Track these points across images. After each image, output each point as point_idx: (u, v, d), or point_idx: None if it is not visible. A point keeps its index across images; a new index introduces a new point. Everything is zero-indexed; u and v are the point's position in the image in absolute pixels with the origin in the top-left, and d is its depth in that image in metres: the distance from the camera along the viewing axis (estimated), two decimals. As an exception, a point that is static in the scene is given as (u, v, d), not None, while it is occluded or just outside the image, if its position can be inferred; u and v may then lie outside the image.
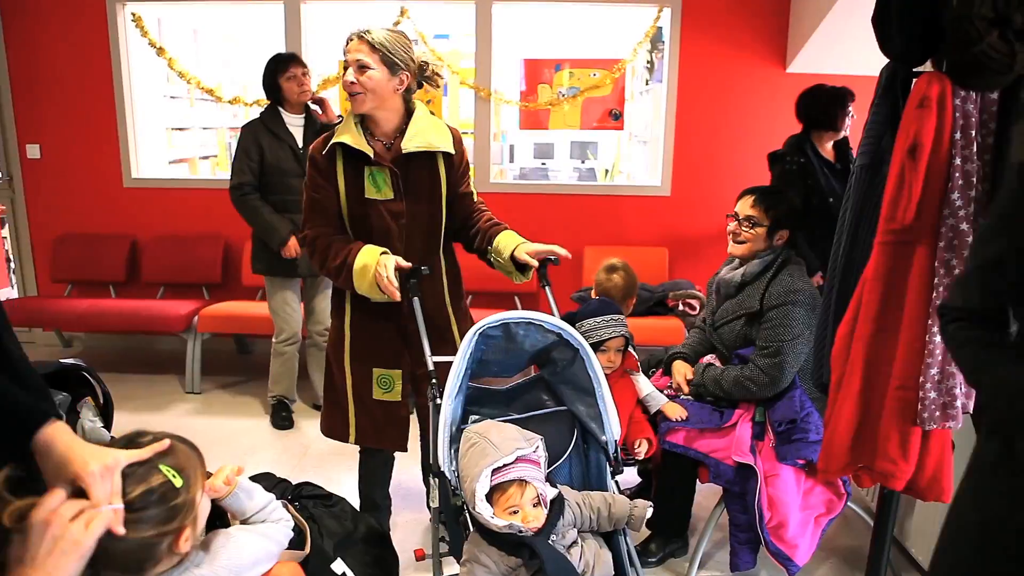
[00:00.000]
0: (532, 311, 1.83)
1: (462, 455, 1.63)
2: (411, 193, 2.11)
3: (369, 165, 2.07)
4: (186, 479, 1.16)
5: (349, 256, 1.99)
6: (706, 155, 4.33)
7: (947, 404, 1.65)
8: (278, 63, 3.38)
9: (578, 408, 1.85)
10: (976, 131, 1.61)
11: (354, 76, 1.97)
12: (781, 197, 2.43)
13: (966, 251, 1.61)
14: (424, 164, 2.11)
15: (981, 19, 1.49)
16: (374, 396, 2.24)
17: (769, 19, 4.12)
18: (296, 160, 3.38)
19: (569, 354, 1.83)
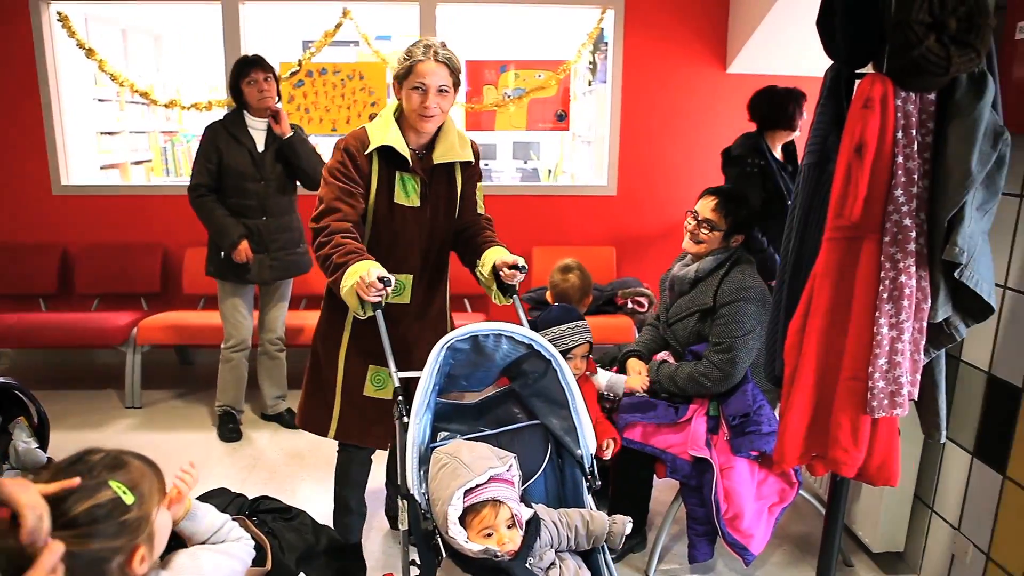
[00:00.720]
0: (502, 322, 1.77)
1: (432, 477, 1.58)
2: (435, 202, 2.15)
3: (402, 171, 2.08)
4: (139, 496, 1.11)
5: (351, 260, 1.92)
6: (650, 154, 4.40)
7: (895, 392, 1.72)
8: (241, 67, 3.30)
9: (551, 422, 1.80)
10: (916, 130, 1.67)
11: (436, 101, 1.98)
12: (742, 203, 2.47)
13: (910, 245, 1.67)
14: (445, 174, 2.16)
15: (919, 24, 1.55)
16: (365, 392, 2.23)
17: (709, 21, 4.21)
18: (253, 164, 3.30)
19: (541, 366, 1.79)
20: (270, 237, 3.37)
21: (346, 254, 1.93)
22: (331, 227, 1.99)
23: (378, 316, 1.90)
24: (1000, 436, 2.09)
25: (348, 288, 1.87)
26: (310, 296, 4.28)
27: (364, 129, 2.09)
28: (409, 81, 1.98)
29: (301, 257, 3.53)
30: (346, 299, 1.90)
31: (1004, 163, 1.68)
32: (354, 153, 2.05)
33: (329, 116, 4.25)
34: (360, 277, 1.84)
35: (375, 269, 1.86)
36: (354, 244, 1.96)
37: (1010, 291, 2.05)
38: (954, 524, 2.29)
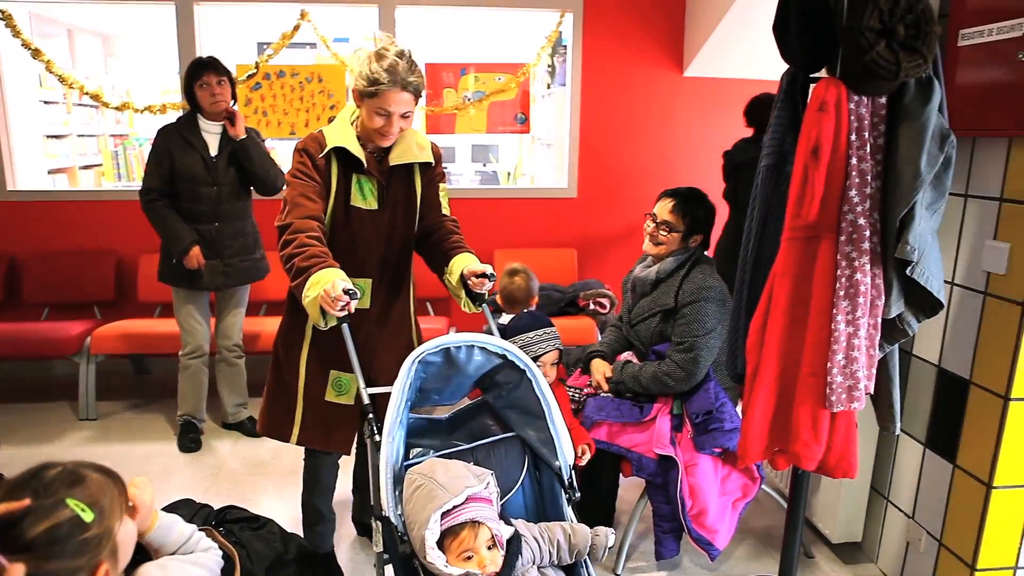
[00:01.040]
0: (474, 333, 1.75)
1: (407, 499, 1.53)
2: (393, 205, 2.13)
3: (358, 173, 2.07)
4: (98, 512, 1.08)
5: (314, 269, 1.85)
6: (610, 157, 4.45)
7: (852, 387, 1.77)
8: (194, 69, 3.24)
9: (527, 433, 1.77)
10: (869, 133, 1.73)
11: (399, 126, 1.99)
12: (698, 204, 2.50)
13: (864, 244, 1.73)
14: (404, 176, 2.13)
15: (870, 30, 1.60)
16: (327, 398, 2.20)
17: (666, 25, 4.28)
18: (206, 169, 3.24)
19: (515, 376, 1.75)
20: (223, 243, 3.32)
21: (309, 258, 1.87)
22: (295, 225, 1.94)
23: (344, 330, 1.86)
24: (950, 427, 2.17)
25: (311, 299, 1.81)
26: (270, 302, 4.23)
27: (321, 132, 2.07)
28: (373, 103, 1.94)
29: (257, 263, 3.48)
30: (308, 308, 1.84)
31: (950, 164, 1.75)
32: (312, 154, 2.03)
33: (288, 119, 4.20)
34: (324, 291, 1.77)
35: (340, 281, 1.78)
36: (318, 248, 1.91)
37: (957, 287, 2.13)
38: (908, 513, 2.37)
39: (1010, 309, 1.95)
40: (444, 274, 2.14)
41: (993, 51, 1.89)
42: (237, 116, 3.26)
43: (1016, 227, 1.93)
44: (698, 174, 4.42)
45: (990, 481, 2.03)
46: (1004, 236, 1.97)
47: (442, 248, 2.17)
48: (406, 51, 1.97)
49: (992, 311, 2.02)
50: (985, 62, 1.93)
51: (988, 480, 2.03)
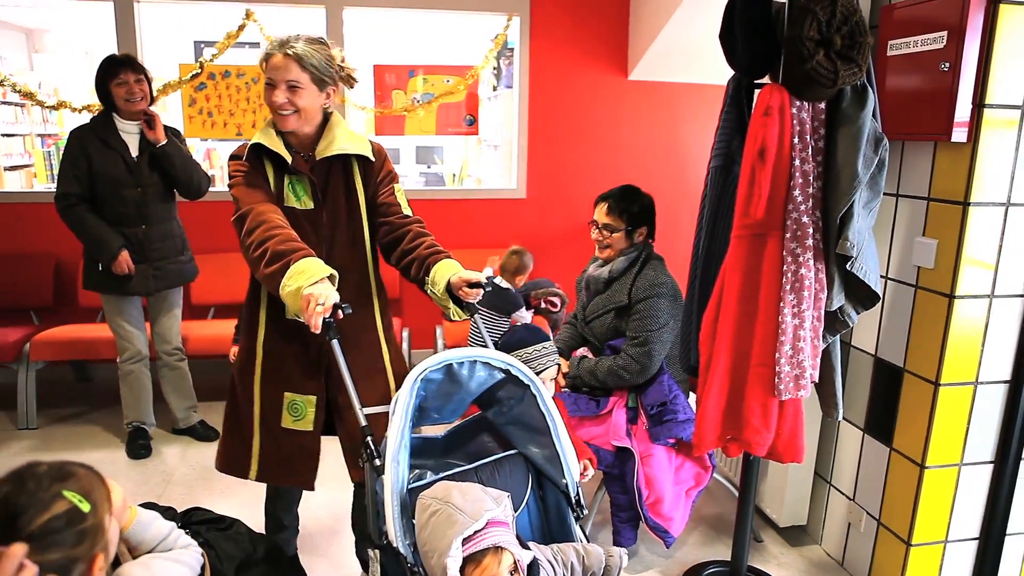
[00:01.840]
0: (476, 348, 1.68)
1: (421, 526, 1.43)
2: (330, 203, 2.00)
3: (288, 173, 1.97)
4: (93, 503, 1.10)
5: (296, 254, 1.72)
6: (558, 158, 4.53)
7: (799, 376, 1.88)
8: (109, 65, 3.13)
9: (531, 450, 1.69)
10: (810, 136, 1.84)
11: (285, 96, 1.85)
12: (632, 199, 2.59)
13: (808, 240, 1.84)
14: (340, 172, 2.01)
15: (810, 40, 1.71)
16: (282, 424, 2.03)
17: (611, 30, 4.38)
18: (128, 171, 3.14)
19: (518, 392, 1.68)
20: (151, 246, 3.23)
21: (285, 241, 1.74)
22: (257, 209, 1.82)
23: (335, 348, 1.71)
24: (886, 412, 2.31)
25: (292, 289, 1.68)
26: (219, 306, 4.17)
27: (246, 143, 1.99)
28: (264, 79, 1.89)
29: (185, 265, 3.41)
30: (286, 299, 1.70)
31: (884, 166, 1.88)
32: (241, 156, 1.96)
33: (234, 120, 4.14)
34: (313, 295, 1.63)
35: (334, 296, 1.65)
36: (290, 232, 1.79)
37: (891, 281, 2.27)
38: (850, 495, 2.51)
39: (938, 301, 2.09)
40: (425, 284, 1.96)
41: (918, 61, 2.03)
42: (156, 119, 3.16)
43: (942, 224, 2.07)
44: (644, 174, 4.55)
45: (923, 461, 2.17)
46: (932, 233, 2.11)
47: (417, 255, 1.98)
48: (321, 39, 1.93)
49: (922, 303, 2.16)
50: (911, 71, 2.06)
51: (921, 461, 2.17)
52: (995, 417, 2.17)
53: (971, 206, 1.99)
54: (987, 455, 2.20)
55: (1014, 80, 1.93)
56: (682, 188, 4.55)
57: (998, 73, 1.92)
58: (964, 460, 2.19)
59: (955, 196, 2.02)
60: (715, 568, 2.47)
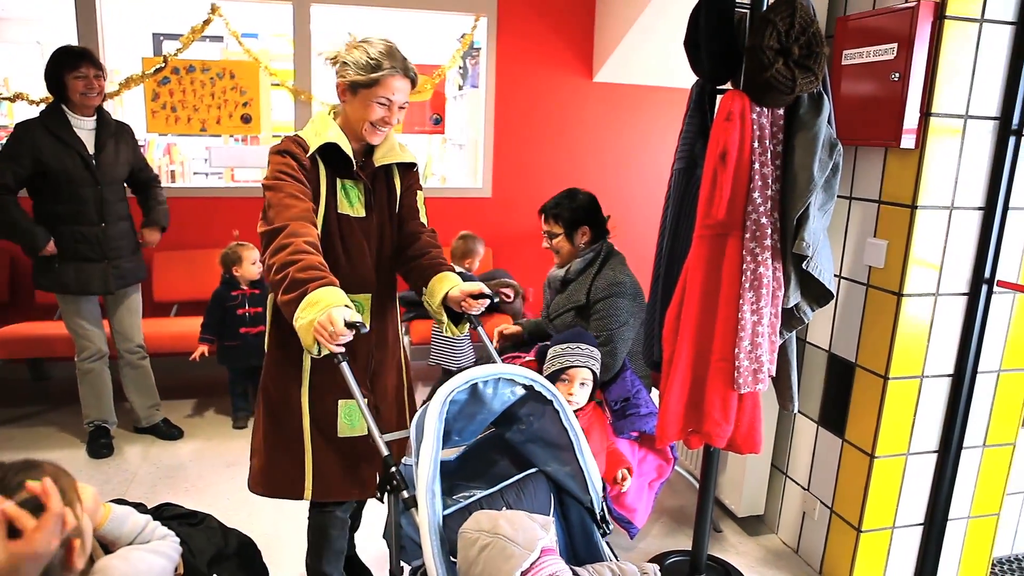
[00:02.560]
0: (500, 364, 1.60)
1: (470, 562, 1.35)
2: (379, 211, 1.95)
3: (342, 178, 1.87)
4: (61, 488, 1.10)
5: (312, 284, 1.60)
6: (523, 158, 4.58)
7: (757, 370, 1.96)
8: (67, 56, 3.05)
9: (552, 467, 1.62)
10: (769, 140, 1.92)
11: (397, 116, 1.84)
12: (564, 203, 2.67)
13: (766, 240, 1.92)
14: (383, 179, 1.97)
15: (770, 49, 1.79)
16: (340, 434, 1.92)
17: (577, 32, 4.45)
18: (87, 168, 3.07)
19: (539, 408, 1.61)
20: (110, 244, 3.17)
21: (306, 269, 1.61)
22: (290, 228, 1.68)
23: (344, 369, 1.61)
24: (839, 405, 2.42)
25: (305, 322, 1.56)
26: (181, 303, 4.14)
27: (298, 135, 1.86)
28: (372, 92, 1.79)
29: (140, 263, 3.38)
30: (300, 333, 1.58)
31: (838, 170, 1.97)
32: (298, 155, 1.80)
33: (198, 115, 4.10)
34: (320, 324, 1.53)
35: (339, 312, 1.54)
36: (316, 258, 1.66)
37: (844, 280, 2.38)
38: (804, 485, 2.61)
39: (888, 299, 2.20)
40: (422, 294, 1.96)
41: (870, 71, 2.13)
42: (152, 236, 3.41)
43: (892, 226, 2.18)
44: (608, 175, 4.64)
45: (873, 452, 2.27)
46: (882, 234, 2.22)
47: (421, 264, 1.98)
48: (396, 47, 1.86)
49: (873, 301, 2.26)
50: (864, 80, 2.16)
51: (871, 451, 2.28)
52: (939, 409, 2.29)
53: (918, 209, 2.09)
54: (932, 445, 2.32)
55: (958, 90, 2.04)
56: (645, 188, 4.65)
57: (943, 83, 2.03)
58: (911, 450, 2.30)
59: (904, 199, 2.13)
60: (676, 558, 2.55)
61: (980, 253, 2.17)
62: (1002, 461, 2.41)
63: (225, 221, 4.16)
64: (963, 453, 2.32)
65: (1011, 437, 2.40)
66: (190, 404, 3.94)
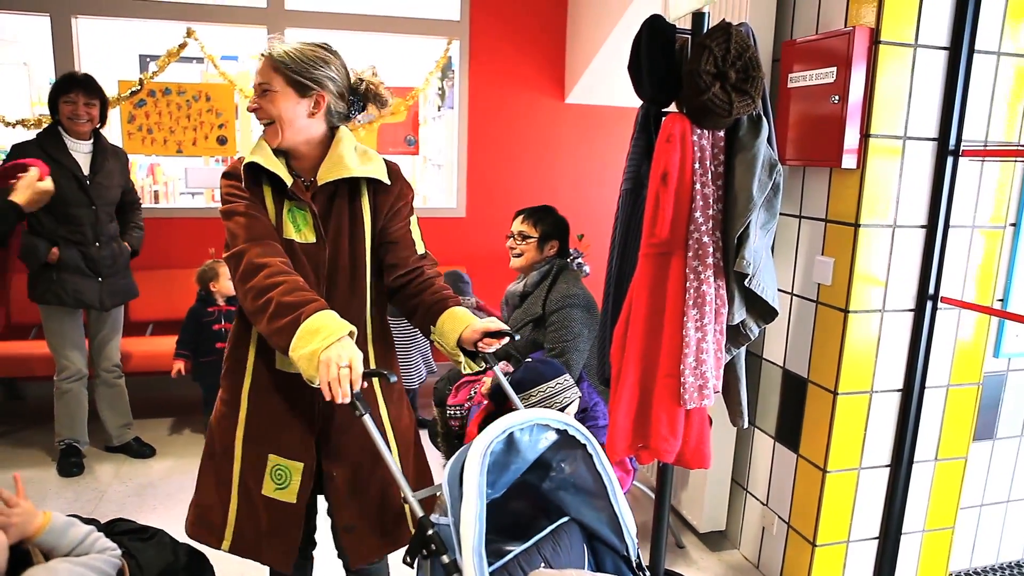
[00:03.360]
0: (533, 410, 1.49)
1: None
2: (333, 236, 1.69)
3: (287, 199, 1.68)
4: None
5: (307, 308, 1.46)
6: (497, 178, 4.64)
7: (702, 386, 2.00)
8: (63, 81, 3.17)
9: (585, 515, 1.52)
10: (710, 162, 1.97)
11: (256, 102, 1.65)
12: (547, 213, 2.78)
13: (709, 259, 1.96)
14: (345, 198, 1.71)
15: (706, 73, 1.85)
16: (263, 491, 1.74)
17: (549, 55, 4.53)
18: (82, 190, 3.15)
19: (571, 452, 1.50)
20: (104, 263, 3.25)
21: (291, 291, 1.49)
22: (257, 249, 1.57)
23: (368, 424, 1.46)
24: (793, 421, 2.46)
25: (307, 352, 1.42)
26: (156, 322, 4.16)
27: (241, 158, 1.72)
28: None
29: (131, 282, 3.44)
30: (300, 365, 1.44)
31: (779, 190, 2.02)
32: (237, 175, 1.67)
33: (174, 137, 4.15)
34: (327, 360, 1.39)
35: (358, 355, 1.42)
36: (296, 278, 1.54)
37: (796, 297, 2.42)
38: (763, 500, 2.64)
39: (835, 315, 2.24)
40: (431, 333, 1.75)
41: (813, 93, 2.19)
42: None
43: (838, 244, 2.23)
44: (579, 195, 4.69)
45: (825, 466, 2.31)
46: (829, 252, 2.27)
47: (424, 301, 1.76)
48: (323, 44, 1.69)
49: (823, 317, 2.31)
50: (808, 102, 2.23)
51: (824, 466, 2.31)
52: (890, 423, 2.33)
53: (861, 227, 2.15)
54: (884, 459, 2.35)
55: (896, 112, 2.10)
56: (614, 209, 4.70)
57: (881, 105, 2.09)
58: (863, 464, 2.33)
59: (848, 218, 2.18)
60: (636, 573, 2.57)
61: (924, 270, 2.21)
62: (954, 475, 2.45)
63: (202, 241, 4.20)
64: (915, 467, 2.36)
65: (963, 451, 2.44)
66: (165, 423, 3.95)
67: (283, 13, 4.14)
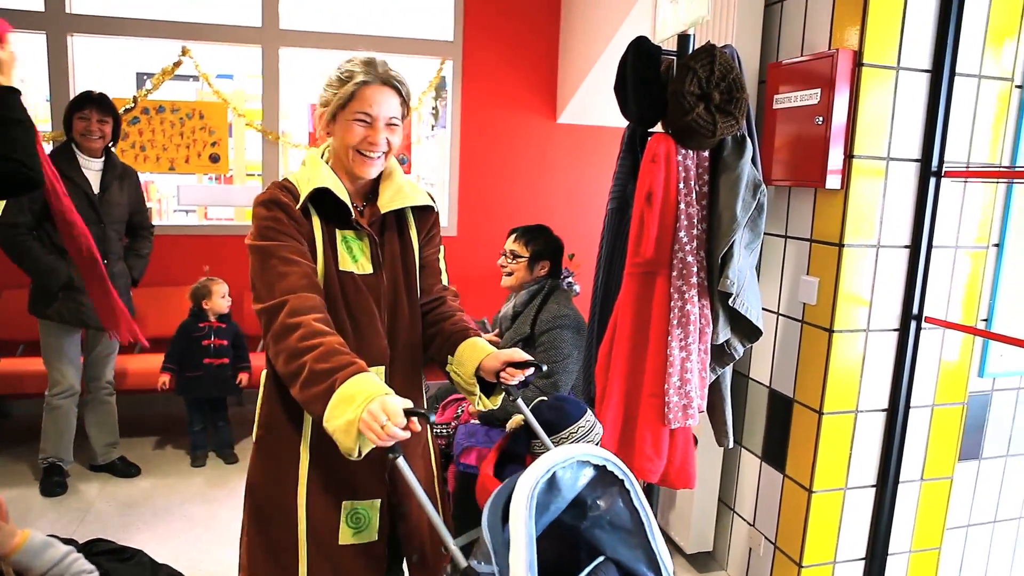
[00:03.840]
0: (576, 446, 1.42)
1: None
2: (391, 266, 1.63)
3: (342, 228, 1.57)
4: None
5: (340, 374, 1.34)
6: (489, 197, 4.67)
7: (687, 405, 2.00)
8: (78, 98, 3.22)
9: (622, 553, 1.44)
10: (695, 182, 1.99)
11: (384, 135, 1.53)
12: (539, 233, 2.78)
13: (693, 278, 1.97)
14: (394, 227, 1.66)
15: (691, 94, 1.87)
16: (341, 540, 1.60)
17: (541, 75, 4.58)
18: (92, 207, 3.17)
19: (607, 489, 1.43)
20: (113, 281, 3.23)
21: (328, 356, 1.36)
22: (292, 304, 1.42)
23: (402, 465, 1.34)
24: (780, 440, 2.45)
25: (342, 423, 1.30)
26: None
27: (286, 180, 1.58)
28: (349, 110, 1.51)
29: (131, 301, 3.44)
30: (336, 436, 1.33)
31: (763, 210, 2.04)
32: (287, 205, 1.51)
33: (167, 155, 4.17)
34: (371, 414, 1.27)
35: (396, 400, 1.30)
36: (334, 339, 1.40)
37: (782, 317, 2.43)
38: (750, 521, 2.63)
39: (821, 335, 2.25)
40: (448, 364, 1.69)
41: (798, 114, 2.21)
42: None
43: (823, 264, 2.24)
44: (570, 214, 4.71)
45: (811, 486, 2.30)
46: (815, 271, 2.28)
47: (443, 330, 1.70)
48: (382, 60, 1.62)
49: (808, 337, 2.32)
50: (793, 123, 2.25)
51: (809, 486, 2.31)
52: (875, 443, 2.32)
53: (846, 247, 2.16)
54: (869, 479, 2.35)
55: (879, 133, 2.12)
56: (609, 227, 4.73)
57: (865, 127, 2.11)
58: (848, 484, 2.33)
59: (832, 238, 2.20)
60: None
61: (908, 290, 2.23)
62: (940, 495, 2.45)
63: (195, 259, 4.21)
64: (900, 487, 2.35)
65: (948, 471, 2.44)
66: (150, 441, 3.93)
67: (278, 32, 4.18)
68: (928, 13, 2.08)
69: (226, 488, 3.38)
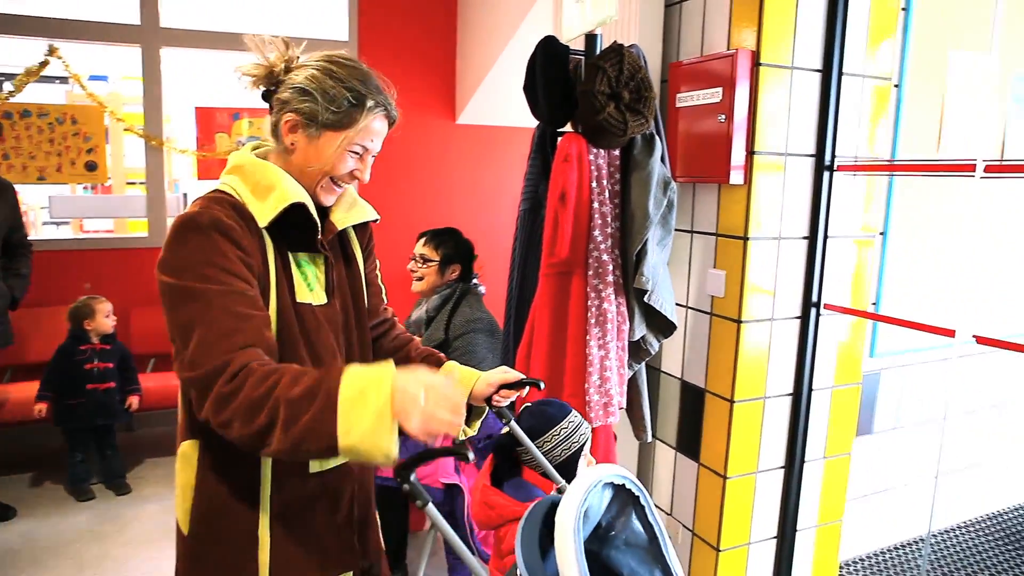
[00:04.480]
0: (601, 467, 1.33)
1: None
2: (343, 293, 1.41)
3: (294, 251, 1.32)
4: None
5: (327, 381, 1.08)
6: (388, 200, 4.57)
7: (607, 403, 2.01)
8: None
9: (640, 573, 1.41)
10: (607, 180, 2.00)
11: (366, 166, 1.37)
12: (449, 236, 2.75)
13: (608, 277, 1.99)
14: (338, 246, 1.43)
15: (601, 94, 1.88)
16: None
17: (439, 75, 4.53)
18: None
19: (622, 508, 1.39)
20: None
21: (295, 380, 1.09)
22: (243, 368, 1.10)
23: (434, 514, 1.15)
24: (693, 430, 2.51)
25: (368, 423, 1.05)
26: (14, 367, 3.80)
27: (220, 192, 1.26)
28: (346, 137, 1.30)
29: (8, 328, 3.15)
30: (368, 444, 1.07)
31: (673, 206, 2.08)
32: (231, 230, 1.19)
33: (35, 163, 3.83)
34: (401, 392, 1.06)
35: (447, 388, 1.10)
36: (294, 366, 1.15)
37: (691, 310, 2.49)
38: (667, 511, 2.69)
39: (729, 326, 2.32)
40: None
41: (701, 113, 2.27)
42: None
43: (729, 257, 2.31)
44: (472, 215, 4.69)
45: (725, 473, 2.37)
46: (721, 265, 2.35)
47: (411, 359, 1.55)
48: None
49: (717, 328, 2.38)
50: (696, 121, 2.30)
51: (724, 472, 2.38)
52: (782, 427, 2.42)
53: (750, 240, 2.23)
54: (778, 462, 2.44)
55: (777, 130, 2.21)
56: (510, 227, 4.71)
57: (764, 124, 2.19)
58: (759, 468, 2.42)
59: (737, 231, 2.27)
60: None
61: (807, 279, 2.33)
62: (842, 471, 2.58)
63: (73, 275, 3.89)
64: (806, 466, 2.46)
65: (847, 447, 2.57)
66: (24, 478, 3.60)
67: (158, 31, 3.92)
68: (818, 15, 2.18)
69: (118, 523, 3.14)
